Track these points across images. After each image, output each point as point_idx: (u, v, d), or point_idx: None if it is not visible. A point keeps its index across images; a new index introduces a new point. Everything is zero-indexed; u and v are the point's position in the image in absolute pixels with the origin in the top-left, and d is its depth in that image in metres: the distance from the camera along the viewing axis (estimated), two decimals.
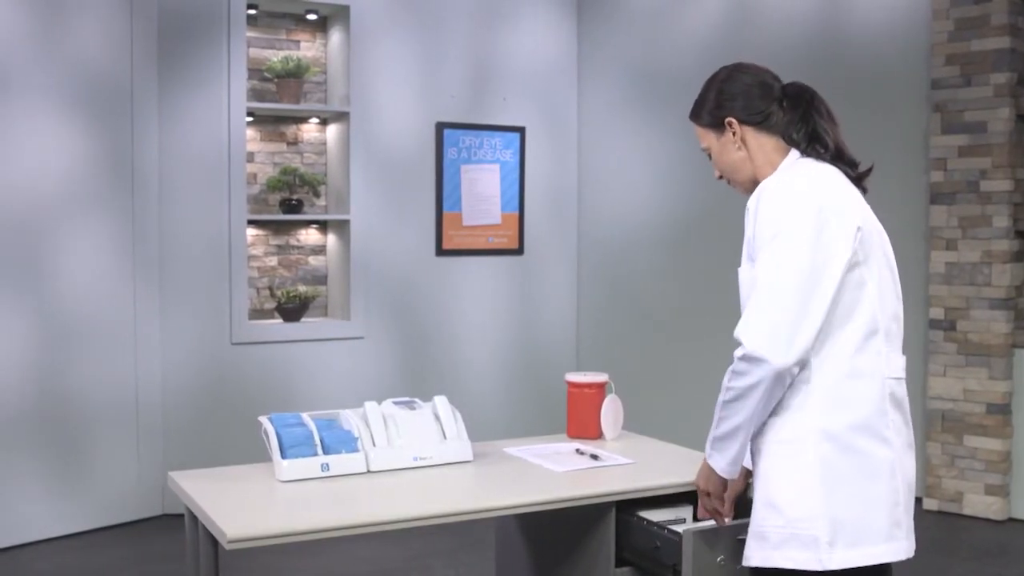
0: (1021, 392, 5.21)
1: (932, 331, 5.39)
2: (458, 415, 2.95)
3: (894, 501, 2.04)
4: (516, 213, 6.25)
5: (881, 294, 2.10)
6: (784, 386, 2.03)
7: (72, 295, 4.96)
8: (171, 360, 5.29)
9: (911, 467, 2.13)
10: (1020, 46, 5.18)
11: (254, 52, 5.66)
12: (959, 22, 5.24)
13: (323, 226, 5.91)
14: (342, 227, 5.77)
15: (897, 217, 5.60)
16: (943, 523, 5.23)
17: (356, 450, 2.79)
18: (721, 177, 2.32)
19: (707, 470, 2.19)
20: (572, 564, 2.78)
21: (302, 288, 5.75)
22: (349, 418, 2.86)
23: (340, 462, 2.75)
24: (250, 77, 5.61)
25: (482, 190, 6.12)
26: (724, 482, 2.21)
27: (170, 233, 5.28)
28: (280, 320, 5.66)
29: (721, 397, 2.09)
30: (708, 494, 2.23)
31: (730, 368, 2.06)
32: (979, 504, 5.25)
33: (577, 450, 3.02)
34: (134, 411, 5.18)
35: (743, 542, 2.17)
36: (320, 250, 5.91)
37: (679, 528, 2.45)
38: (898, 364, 2.12)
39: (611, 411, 3.16)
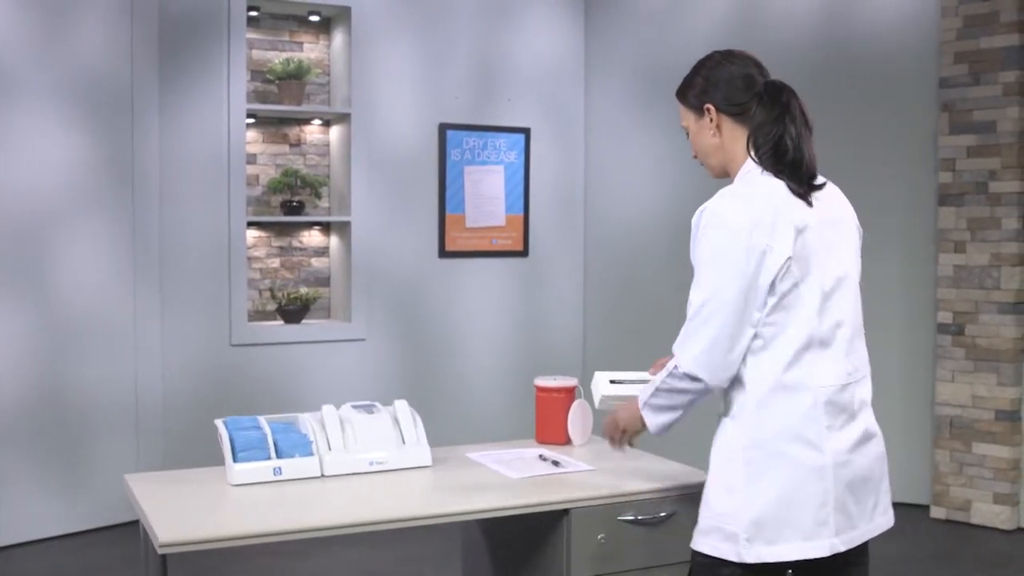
0: None
1: (940, 336, 5.27)
2: (418, 419, 2.91)
3: (820, 502, 2.14)
4: (521, 215, 6.21)
5: (822, 307, 2.17)
6: (711, 395, 2.24)
7: (72, 296, 4.99)
8: (171, 361, 5.31)
9: (863, 462, 2.21)
10: None
11: (257, 54, 5.67)
12: (968, 19, 5.13)
13: (326, 228, 5.91)
14: (344, 229, 5.77)
15: (905, 219, 5.51)
16: (950, 532, 5.12)
17: (310, 454, 2.76)
18: (696, 157, 2.40)
19: (638, 420, 2.37)
20: (531, 569, 2.74)
21: (303, 290, 5.75)
22: (306, 422, 2.83)
23: (293, 466, 2.72)
24: (253, 79, 5.63)
25: (486, 191, 6.09)
26: (642, 430, 2.42)
27: (170, 235, 5.31)
28: (281, 322, 5.66)
29: (660, 383, 2.27)
30: (624, 431, 2.48)
31: (673, 364, 2.23)
32: (987, 513, 5.12)
33: (540, 456, 2.97)
34: (134, 412, 5.21)
35: (623, 523, 2.53)
36: (323, 252, 5.91)
37: None
38: (838, 371, 2.19)
39: (579, 416, 3.10)
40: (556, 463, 2.88)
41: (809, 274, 2.15)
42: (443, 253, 5.99)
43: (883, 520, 2.28)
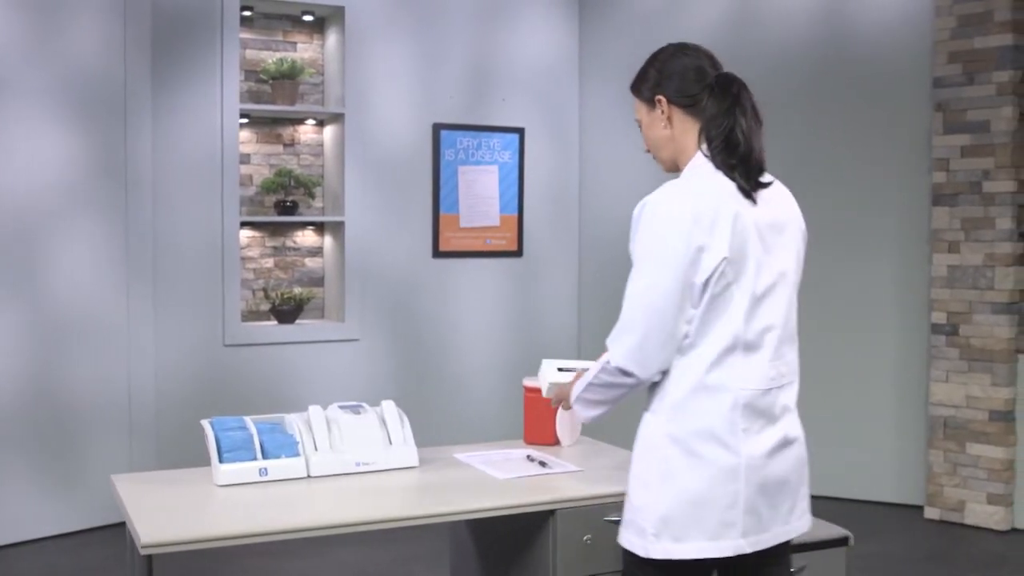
0: None
1: (934, 336, 5.27)
2: (405, 420, 2.90)
3: (729, 504, 2.14)
4: (515, 215, 6.19)
5: (752, 309, 2.16)
6: (644, 387, 2.22)
7: (65, 296, 4.99)
8: (164, 361, 5.31)
9: (780, 467, 2.20)
10: None
11: (251, 54, 5.66)
12: (962, 19, 5.12)
13: (320, 228, 5.90)
14: (337, 229, 5.76)
15: (899, 219, 5.51)
16: (944, 533, 5.11)
17: (296, 454, 2.75)
18: (648, 151, 2.41)
19: (569, 409, 2.45)
20: (518, 569, 2.73)
21: (297, 290, 5.74)
22: (293, 422, 2.83)
23: (279, 467, 2.72)
24: (246, 79, 5.62)
25: (480, 191, 6.08)
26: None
27: (163, 235, 5.30)
28: (274, 322, 5.66)
29: (593, 377, 2.27)
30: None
31: (605, 359, 2.22)
32: (981, 514, 5.11)
33: (528, 457, 2.96)
34: (127, 412, 5.20)
35: (609, 524, 2.50)
36: (317, 252, 5.90)
37: None
38: (761, 375, 2.18)
39: (567, 417, 3.10)
40: (543, 464, 2.88)
41: (742, 276, 2.14)
42: (437, 253, 5.98)
43: (799, 524, 2.27)
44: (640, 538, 2.18)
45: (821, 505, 5.37)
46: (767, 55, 5.75)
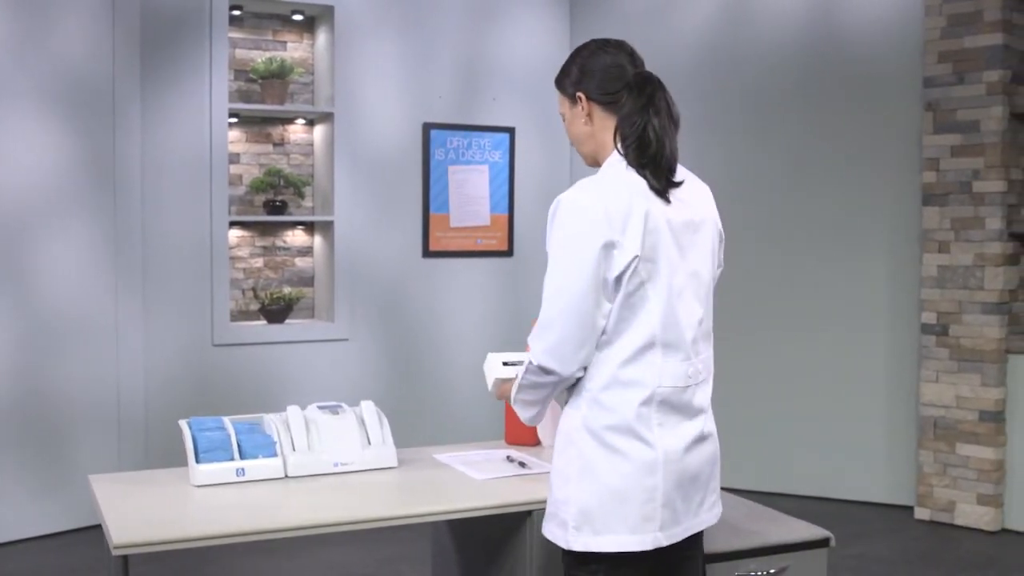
0: (1014, 399, 5.06)
1: (924, 336, 5.25)
2: (384, 420, 2.89)
3: (647, 498, 2.17)
4: (505, 215, 6.18)
5: (668, 308, 2.19)
6: (571, 382, 2.25)
7: (54, 296, 4.97)
8: (153, 361, 5.30)
9: (696, 462, 2.24)
10: (1013, 42, 5.03)
11: (241, 53, 5.65)
12: (952, 18, 5.11)
13: (310, 227, 5.89)
14: (327, 228, 5.75)
15: (889, 219, 5.50)
16: (934, 533, 5.10)
17: (274, 455, 2.74)
18: (573, 144, 2.44)
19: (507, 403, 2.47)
20: (496, 569, 2.72)
21: (287, 290, 5.73)
22: (271, 422, 2.82)
23: (257, 467, 2.71)
24: (235, 78, 5.61)
25: (470, 191, 6.07)
26: None
27: (152, 234, 5.29)
28: (264, 322, 5.65)
29: (521, 379, 2.30)
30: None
31: (528, 359, 2.26)
32: (971, 514, 5.10)
33: (508, 457, 2.95)
34: (116, 412, 5.19)
35: None
36: (306, 251, 5.89)
37: None
38: (678, 373, 2.21)
39: (549, 418, 3.08)
40: (523, 464, 2.87)
41: (657, 275, 2.16)
42: (427, 253, 5.97)
43: (708, 516, 2.32)
44: (562, 530, 2.22)
45: (810, 505, 5.41)
46: (757, 55, 5.73)
